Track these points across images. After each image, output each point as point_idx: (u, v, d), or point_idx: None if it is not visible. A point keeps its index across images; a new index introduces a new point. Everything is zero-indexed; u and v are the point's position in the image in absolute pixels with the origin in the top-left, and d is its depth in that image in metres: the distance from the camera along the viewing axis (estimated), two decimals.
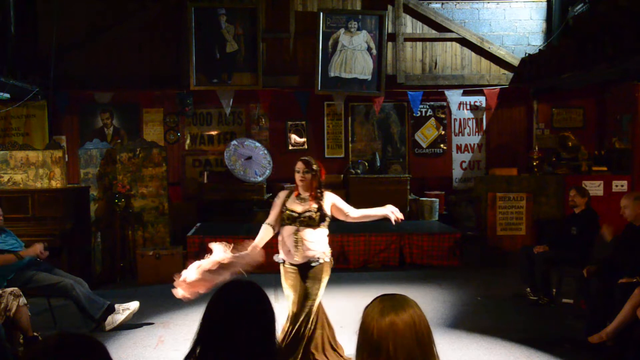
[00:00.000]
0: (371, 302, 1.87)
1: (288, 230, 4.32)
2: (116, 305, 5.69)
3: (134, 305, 5.75)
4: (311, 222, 4.26)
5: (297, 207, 4.32)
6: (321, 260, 4.30)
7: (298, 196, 4.39)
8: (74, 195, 7.54)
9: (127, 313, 5.66)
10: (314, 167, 4.33)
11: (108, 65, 10.52)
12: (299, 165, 4.34)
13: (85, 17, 10.53)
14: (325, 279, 4.35)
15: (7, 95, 9.43)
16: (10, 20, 9.54)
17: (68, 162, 9.04)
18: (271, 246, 4.75)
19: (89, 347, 1.56)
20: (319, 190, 4.35)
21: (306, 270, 4.29)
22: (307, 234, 4.26)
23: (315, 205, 4.29)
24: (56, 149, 7.82)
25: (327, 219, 4.34)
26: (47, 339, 1.58)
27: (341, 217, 4.43)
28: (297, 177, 4.34)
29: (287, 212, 4.32)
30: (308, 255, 4.26)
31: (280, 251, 4.42)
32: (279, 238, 4.44)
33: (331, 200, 4.38)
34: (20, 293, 4.86)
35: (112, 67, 10.52)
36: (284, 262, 4.41)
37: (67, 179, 7.90)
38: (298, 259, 4.28)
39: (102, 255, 7.97)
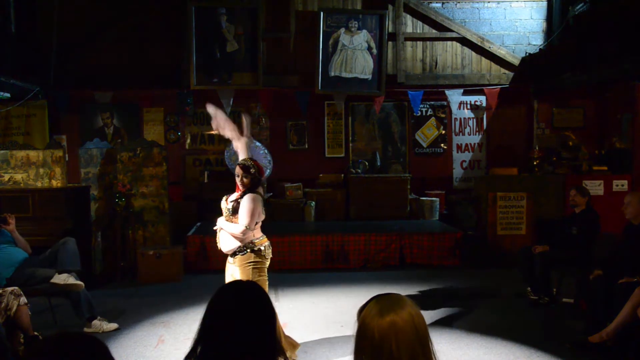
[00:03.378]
0: (366, 304, 1.86)
1: None
2: (98, 317, 5.73)
3: (112, 326, 5.74)
4: (228, 218, 4.49)
5: (227, 204, 4.53)
6: (247, 250, 4.43)
7: (235, 193, 4.60)
8: (75, 195, 7.55)
9: (97, 329, 5.64)
10: (252, 170, 4.47)
11: (108, 65, 10.52)
12: (238, 170, 4.51)
13: (86, 17, 10.53)
14: (250, 268, 4.41)
15: (8, 95, 9.44)
16: (10, 20, 9.53)
17: (68, 161, 9.04)
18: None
19: (90, 347, 1.56)
20: (247, 189, 4.47)
21: (233, 259, 4.50)
22: (224, 225, 4.48)
23: (234, 204, 4.46)
24: (56, 148, 7.82)
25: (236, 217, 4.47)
26: (48, 339, 1.57)
27: None
28: (237, 180, 4.51)
29: (222, 208, 4.58)
30: (229, 246, 4.45)
31: None
32: None
33: (241, 202, 4.42)
34: (21, 292, 4.86)
35: (113, 66, 10.53)
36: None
37: (67, 178, 7.90)
38: (223, 249, 4.51)
39: (102, 254, 7.99)
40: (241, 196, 4.44)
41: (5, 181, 7.52)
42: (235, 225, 4.39)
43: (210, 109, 5.18)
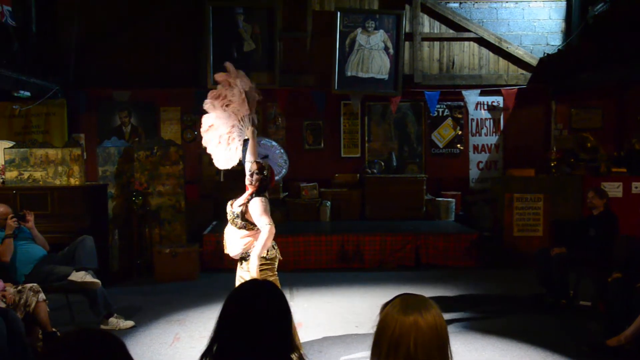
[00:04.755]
0: (391, 301, 1.86)
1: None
2: (115, 315, 5.79)
3: (128, 323, 5.77)
4: (233, 223, 4.47)
5: (233, 208, 4.49)
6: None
7: (241, 197, 4.54)
8: (92, 193, 7.62)
9: (113, 326, 5.67)
10: (265, 172, 4.45)
11: (126, 64, 10.60)
12: (252, 167, 4.48)
13: (105, 16, 10.63)
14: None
15: (28, 94, 9.55)
16: (31, 19, 9.65)
17: (87, 160, 9.14)
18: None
19: (107, 343, 1.57)
20: (253, 194, 4.40)
21: (241, 263, 4.50)
22: (228, 231, 4.50)
23: (243, 208, 4.39)
24: (75, 146, 7.90)
25: (242, 221, 4.40)
26: (66, 335, 1.59)
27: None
28: (248, 176, 4.48)
29: (227, 212, 4.56)
30: (236, 250, 4.44)
31: None
32: None
33: (250, 207, 4.37)
34: (40, 289, 4.93)
35: (131, 65, 10.61)
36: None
37: (85, 176, 7.98)
38: (230, 254, 4.50)
39: (119, 252, 8.05)
40: (248, 200, 4.39)
41: (25, 179, 7.61)
42: (260, 235, 4.29)
43: (230, 67, 5.24)
